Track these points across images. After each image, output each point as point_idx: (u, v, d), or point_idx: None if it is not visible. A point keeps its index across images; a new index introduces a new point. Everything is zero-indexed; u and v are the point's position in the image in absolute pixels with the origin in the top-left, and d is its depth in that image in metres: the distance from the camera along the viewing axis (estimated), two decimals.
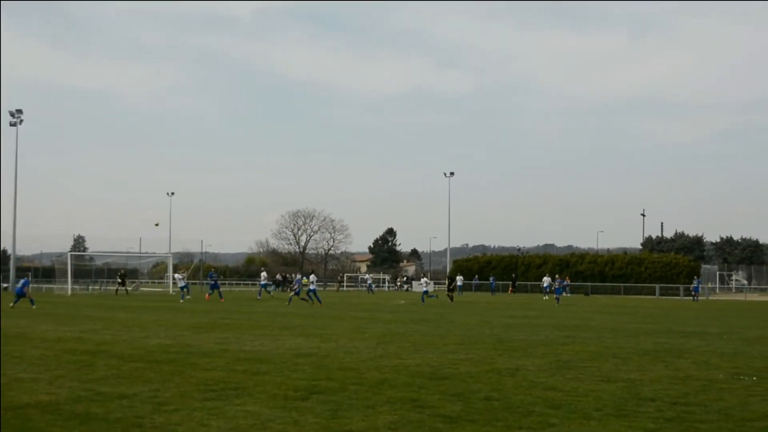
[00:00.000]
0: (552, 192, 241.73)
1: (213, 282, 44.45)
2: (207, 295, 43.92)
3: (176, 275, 48.08)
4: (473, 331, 21.18)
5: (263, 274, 52.58)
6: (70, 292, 54.06)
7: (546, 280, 56.96)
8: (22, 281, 36.40)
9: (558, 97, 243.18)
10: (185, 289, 44.18)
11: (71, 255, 61.06)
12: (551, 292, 51.01)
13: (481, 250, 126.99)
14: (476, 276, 78.92)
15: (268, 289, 44.93)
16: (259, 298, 46.73)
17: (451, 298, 44.26)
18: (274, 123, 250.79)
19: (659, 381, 11.18)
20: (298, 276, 43.38)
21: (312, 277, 39.43)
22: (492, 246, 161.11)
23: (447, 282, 49.77)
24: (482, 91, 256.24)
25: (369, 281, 72.04)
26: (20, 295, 34.87)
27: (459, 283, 64.47)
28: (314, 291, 38.56)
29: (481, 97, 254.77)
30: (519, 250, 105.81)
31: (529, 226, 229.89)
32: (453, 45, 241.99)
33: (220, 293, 43.59)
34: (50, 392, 9.74)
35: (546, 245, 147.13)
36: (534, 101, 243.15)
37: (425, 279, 49.19)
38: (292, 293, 40.09)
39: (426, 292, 44.36)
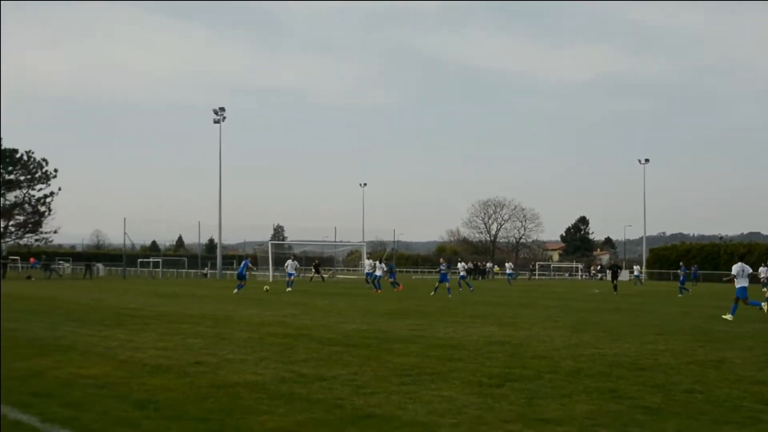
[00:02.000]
0: (757, 177, 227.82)
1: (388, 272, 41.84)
2: (398, 285, 40.77)
3: (289, 262, 45.61)
4: (673, 321, 20.41)
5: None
6: (271, 278, 56.55)
7: (762, 270, 53.07)
8: (243, 262, 37.71)
9: (761, 78, 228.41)
10: (291, 277, 43.13)
11: (272, 244, 63.89)
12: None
13: (679, 239, 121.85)
14: (694, 267, 72.33)
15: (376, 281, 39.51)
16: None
17: (615, 288, 42.44)
18: (463, 113, 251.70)
19: None
20: (386, 263, 40.89)
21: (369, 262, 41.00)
22: (691, 234, 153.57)
23: (611, 271, 47.41)
24: (677, 75, 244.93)
25: (461, 272, 44.50)
26: (242, 277, 35.73)
27: (636, 273, 61.98)
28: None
29: (676, 81, 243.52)
30: (721, 238, 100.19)
31: (731, 212, 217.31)
32: (644, 29, 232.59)
33: (375, 284, 39.20)
34: (256, 372, 10.27)
35: (751, 233, 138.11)
36: (734, 83, 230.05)
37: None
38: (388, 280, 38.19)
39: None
